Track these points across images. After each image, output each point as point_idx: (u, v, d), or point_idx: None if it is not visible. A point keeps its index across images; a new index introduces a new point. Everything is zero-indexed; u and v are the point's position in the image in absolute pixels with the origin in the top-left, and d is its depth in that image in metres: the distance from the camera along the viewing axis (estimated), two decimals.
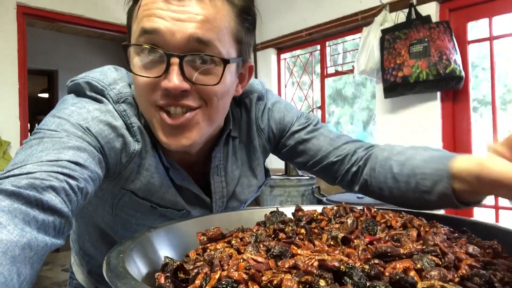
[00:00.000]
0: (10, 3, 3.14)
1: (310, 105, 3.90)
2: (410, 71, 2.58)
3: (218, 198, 0.80)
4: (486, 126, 2.76)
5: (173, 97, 0.62)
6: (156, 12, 0.60)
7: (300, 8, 3.61)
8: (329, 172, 0.83)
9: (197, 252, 0.55)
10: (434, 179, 0.63)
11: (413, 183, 0.67)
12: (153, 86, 0.63)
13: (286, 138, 0.85)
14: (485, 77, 2.84)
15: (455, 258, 0.44)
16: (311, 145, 0.83)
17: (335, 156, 0.81)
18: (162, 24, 0.59)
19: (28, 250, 0.39)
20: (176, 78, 0.60)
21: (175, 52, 0.60)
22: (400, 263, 0.41)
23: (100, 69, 0.72)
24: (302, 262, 0.40)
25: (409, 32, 2.64)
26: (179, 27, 0.59)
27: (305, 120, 0.85)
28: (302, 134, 0.83)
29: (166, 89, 0.61)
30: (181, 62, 0.60)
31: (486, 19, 2.62)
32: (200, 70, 0.62)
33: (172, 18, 0.59)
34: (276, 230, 0.57)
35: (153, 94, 0.63)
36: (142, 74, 0.62)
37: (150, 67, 0.62)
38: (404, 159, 0.71)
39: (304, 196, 3.08)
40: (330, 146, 0.82)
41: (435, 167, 0.64)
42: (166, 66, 0.60)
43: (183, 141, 0.66)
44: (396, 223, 0.57)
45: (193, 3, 0.60)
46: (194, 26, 0.60)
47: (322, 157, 0.82)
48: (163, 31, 0.59)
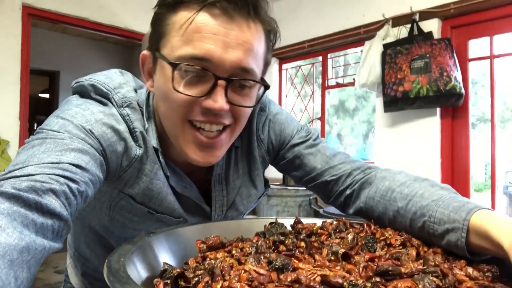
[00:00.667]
0: (16, 4, 3.15)
1: (310, 116, 3.91)
2: (410, 86, 2.59)
3: (218, 206, 0.80)
4: (484, 143, 2.77)
5: (213, 115, 0.64)
6: (207, 36, 0.61)
7: (303, 19, 3.63)
8: (323, 191, 0.84)
9: (197, 260, 0.55)
10: (446, 227, 0.59)
11: (420, 222, 0.63)
12: (192, 103, 0.64)
13: (285, 151, 0.85)
14: (485, 94, 2.86)
15: (455, 280, 0.44)
16: (307, 161, 0.82)
17: (330, 175, 0.81)
18: (213, 51, 0.61)
19: (26, 254, 0.39)
20: (221, 100, 0.62)
21: (222, 75, 0.62)
22: (402, 282, 0.41)
23: (106, 72, 0.73)
24: (304, 277, 0.40)
25: (411, 47, 2.66)
26: (228, 53, 0.61)
27: (305, 133, 0.85)
28: (301, 148, 0.83)
29: (208, 109, 0.63)
30: (227, 85, 0.63)
31: (487, 37, 2.65)
32: (238, 92, 0.66)
33: (222, 43, 0.61)
34: (276, 242, 0.57)
35: (189, 110, 0.65)
36: (184, 92, 0.63)
37: (192, 85, 0.63)
38: (409, 193, 0.68)
39: (301, 206, 3.07)
40: (326, 165, 0.81)
41: (449, 215, 0.59)
42: (211, 86, 0.62)
43: (211, 159, 0.69)
44: (396, 241, 0.58)
45: (243, 26, 0.63)
46: (241, 54, 0.62)
47: (317, 175, 0.82)
48: (215, 58, 0.61)
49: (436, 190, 0.66)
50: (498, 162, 2.75)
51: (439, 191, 0.66)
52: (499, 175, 6.29)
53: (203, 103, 0.63)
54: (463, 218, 0.57)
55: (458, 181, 2.72)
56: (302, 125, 0.88)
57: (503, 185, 5.80)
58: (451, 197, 0.62)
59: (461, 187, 2.69)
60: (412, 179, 0.72)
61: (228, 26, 0.61)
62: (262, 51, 0.67)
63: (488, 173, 8.25)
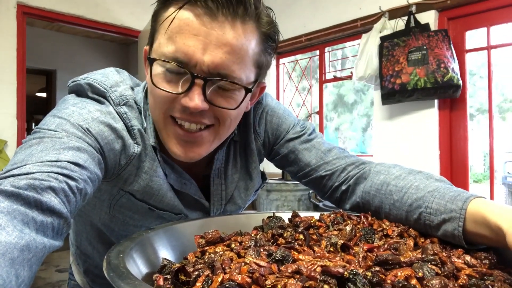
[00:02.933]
0: (10, 2, 3.14)
1: (308, 111, 3.91)
2: (408, 78, 2.59)
3: (217, 201, 0.81)
4: (483, 134, 2.77)
5: (190, 114, 0.64)
6: (188, 36, 0.60)
7: (300, 13, 3.62)
8: (318, 186, 0.84)
9: (196, 255, 0.55)
10: (442, 217, 0.59)
11: (416, 214, 0.63)
12: (172, 100, 0.64)
13: (279, 146, 0.85)
14: (483, 85, 2.86)
15: (454, 267, 0.44)
16: (302, 157, 0.83)
17: (325, 170, 0.81)
18: (192, 52, 0.60)
19: (26, 252, 0.39)
20: (197, 99, 0.61)
21: (200, 74, 0.61)
22: (401, 271, 0.41)
23: (102, 71, 0.73)
24: (305, 268, 0.40)
25: (408, 39, 2.65)
26: (207, 54, 0.60)
27: (300, 128, 0.85)
28: (296, 143, 0.84)
29: (186, 107, 0.62)
30: (204, 84, 0.62)
31: (484, 28, 2.64)
32: (220, 93, 0.64)
33: (202, 44, 0.60)
34: (275, 235, 0.57)
35: (170, 106, 0.65)
36: (163, 88, 0.63)
37: (173, 82, 0.63)
38: (404, 186, 0.68)
39: (301, 201, 3.08)
40: (320, 160, 0.82)
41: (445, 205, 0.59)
42: (189, 85, 0.62)
43: (191, 154, 0.68)
44: (393, 232, 0.58)
45: (226, 27, 0.60)
46: (222, 56, 0.61)
47: (311, 170, 0.82)
48: (193, 59, 0.60)
49: (431, 182, 0.66)
50: (497, 153, 2.75)
51: (434, 183, 0.66)
52: (498, 165, 6.31)
53: (181, 100, 0.63)
54: (459, 207, 0.57)
55: (457, 172, 2.72)
56: (298, 119, 0.88)
57: (502, 175, 5.83)
58: (446, 188, 0.63)
59: (460, 178, 2.70)
60: (406, 172, 0.72)
61: (209, 26, 0.60)
62: (252, 53, 0.64)
63: (487, 164, 8.27)
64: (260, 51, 0.67)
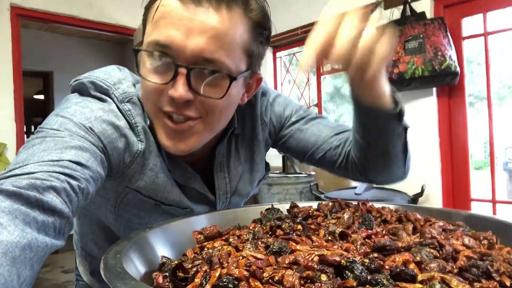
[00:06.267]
0: (4, 4, 3.12)
1: (307, 103, 3.90)
2: (405, 67, 2.58)
3: (222, 194, 0.81)
4: (483, 121, 2.77)
5: (176, 106, 0.63)
6: (171, 22, 0.59)
7: (295, 6, 3.60)
8: (331, 158, 0.84)
9: (195, 251, 0.55)
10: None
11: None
12: (160, 91, 0.63)
13: (284, 129, 0.87)
14: (481, 72, 2.85)
15: (452, 250, 0.44)
16: (311, 132, 0.84)
17: (338, 140, 0.83)
18: (174, 37, 0.59)
19: (28, 251, 0.39)
20: (181, 88, 0.60)
21: (183, 63, 0.60)
22: (399, 256, 0.41)
23: (104, 68, 0.72)
24: (302, 258, 0.40)
25: (404, 28, 2.64)
26: (190, 40, 0.59)
27: (303, 111, 0.87)
28: (301, 123, 0.85)
29: (172, 98, 0.61)
30: (188, 73, 0.60)
31: (480, 14, 2.63)
32: (206, 82, 0.62)
33: (185, 29, 0.58)
34: (273, 227, 0.57)
35: (160, 99, 0.64)
36: (150, 79, 0.63)
37: (159, 72, 0.63)
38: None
39: (302, 193, 3.08)
40: (331, 132, 0.84)
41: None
42: (173, 74, 0.60)
43: (181, 146, 0.67)
44: (391, 218, 0.58)
45: (210, 12, 0.59)
46: (204, 42, 0.59)
47: (324, 143, 0.83)
48: (174, 44, 0.59)
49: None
50: (497, 140, 2.75)
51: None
52: (498, 152, 6.29)
53: (168, 92, 0.62)
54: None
55: (458, 160, 2.72)
56: (301, 105, 0.90)
57: (503, 161, 5.81)
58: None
59: (460, 165, 2.70)
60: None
61: (193, 11, 0.58)
62: (240, 40, 0.63)
63: (487, 151, 8.26)
64: (249, 39, 0.65)
